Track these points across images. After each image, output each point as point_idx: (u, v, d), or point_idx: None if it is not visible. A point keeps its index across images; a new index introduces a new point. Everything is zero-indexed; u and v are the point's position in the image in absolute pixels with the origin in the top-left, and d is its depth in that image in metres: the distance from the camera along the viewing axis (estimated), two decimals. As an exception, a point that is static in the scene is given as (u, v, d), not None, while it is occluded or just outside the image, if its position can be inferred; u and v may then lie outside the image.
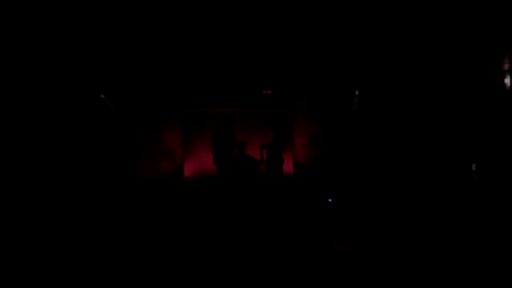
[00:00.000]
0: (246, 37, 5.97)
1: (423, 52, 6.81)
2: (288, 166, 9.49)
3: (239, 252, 6.12)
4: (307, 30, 5.80)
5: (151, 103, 9.72)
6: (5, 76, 7.65)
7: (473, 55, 7.06)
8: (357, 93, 9.68)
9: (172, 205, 9.16)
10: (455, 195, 8.18)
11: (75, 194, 8.52)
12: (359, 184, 9.07)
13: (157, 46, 6.38)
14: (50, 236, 6.62)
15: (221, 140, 8.48)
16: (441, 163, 8.90)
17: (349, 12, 5.19)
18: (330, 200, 9.45)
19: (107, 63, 7.29)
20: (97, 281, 4.86)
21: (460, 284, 4.76)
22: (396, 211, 8.21)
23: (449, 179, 8.68)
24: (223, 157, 8.45)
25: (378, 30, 5.75)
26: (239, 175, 8.59)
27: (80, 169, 8.98)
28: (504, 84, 8.03)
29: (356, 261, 5.62)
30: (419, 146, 9.18)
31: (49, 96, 8.95)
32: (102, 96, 9.49)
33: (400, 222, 7.49)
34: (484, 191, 7.83)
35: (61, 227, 7.20)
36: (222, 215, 8.39)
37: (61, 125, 9.00)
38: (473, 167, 8.42)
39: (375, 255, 5.82)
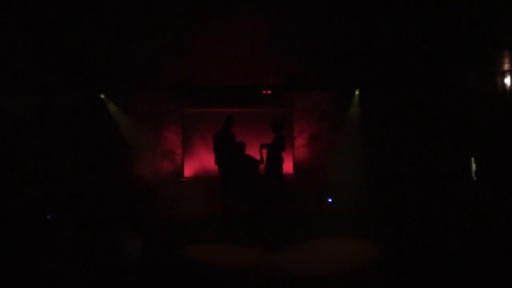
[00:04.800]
0: (247, 36, 5.96)
1: (423, 52, 6.80)
2: (288, 166, 9.48)
3: (241, 248, 6.12)
4: (307, 30, 5.79)
5: (151, 103, 9.72)
6: (5, 76, 7.65)
7: (473, 55, 7.05)
8: (357, 93, 9.68)
9: (172, 205, 9.17)
10: (455, 195, 8.18)
11: (74, 194, 8.52)
12: (360, 184, 9.06)
13: (157, 46, 6.37)
14: (46, 235, 6.62)
15: (221, 140, 8.47)
16: (441, 162, 8.90)
17: (349, 12, 5.18)
18: (330, 200, 9.45)
19: (107, 63, 7.28)
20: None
21: (460, 283, 4.75)
22: (395, 210, 8.21)
23: (449, 178, 8.67)
24: (224, 157, 8.44)
25: (378, 30, 5.74)
26: (239, 175, 8.59)
27: (79, 169, 8.98)
28: (504, 84, 8.03)
29: (354, 257, 5.63)
30: (419, 145, 9.18)
31: (49, 96, 8.96)
32: (102, 96, 9.49)
33: (399, 222, 7.49)
34: (484, 191, 7.83)
35: (60, 227, 7.20)
36: (223, 215, 8.39)
37: (61, 125, 9.00)
38: (473, 167, 8.42)
39: (373, 254, 5.82)
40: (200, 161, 9.80)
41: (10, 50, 6.22)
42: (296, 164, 9.91)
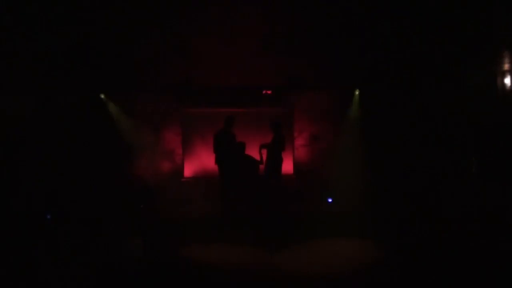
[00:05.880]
0: (246, 36, 5.98)
1: (423, 52, 6.81)
2: (288, 166, 9.48)
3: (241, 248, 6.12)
4: (307, 30, 5.81)
5: (151, 103, 9.72)
6: (5, 76, 7.65)
7: (473, 55, 7.06)
8: (357, 93, 9.68)
9: (172, 205, 9.17)
10: (455, 194, 8.18)
11: (74, 195, 8.52)
12: (360, 184, 9.06)
13: (157, 46, 6.39)
14: (47, 236, 6.62)
15: (221, 140, 8.47)
16: (441, 162, 8.89)
17: (350, 12, 5.19)
18: (330, 200, 9.44)
19: (107, 63, 7.30)
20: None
21: (460, 283, 4.75)
22: (396, 210, 8.21)
23: (449, 178, 8.67)
24: (224, 157, 8.44)
25: (378, 30, 5.76)
26: (239, 175, 8.59)
27: (79, 169, 8.97)
28: (504, 84, 8.03)
29: (354, 257, 5.63)
30: (419, 145, 9.17)
31: (49, 96, 8.95)
32: (102, 96, 9.48)
33: (399, 222, 7.49)
34: (484, 190, 7.83)
35: (60, 227, 7.20)
36: (223, 215, 8.39)
37: (61, 125, 9.00)
38: (473, 167, 8.41)
39: (373, 254, 5.82)
40: (200, 161, 9.80)
41: (10, 49, 6.23)
42: (296, 164, 9.91)
